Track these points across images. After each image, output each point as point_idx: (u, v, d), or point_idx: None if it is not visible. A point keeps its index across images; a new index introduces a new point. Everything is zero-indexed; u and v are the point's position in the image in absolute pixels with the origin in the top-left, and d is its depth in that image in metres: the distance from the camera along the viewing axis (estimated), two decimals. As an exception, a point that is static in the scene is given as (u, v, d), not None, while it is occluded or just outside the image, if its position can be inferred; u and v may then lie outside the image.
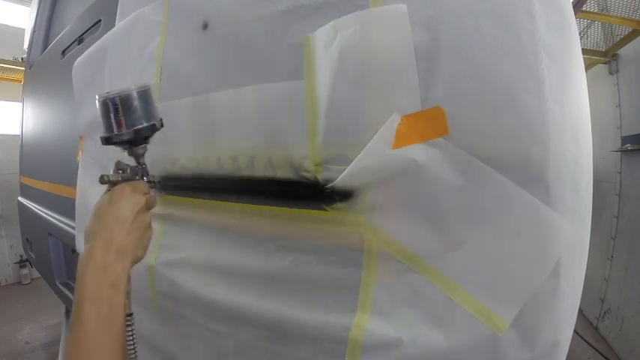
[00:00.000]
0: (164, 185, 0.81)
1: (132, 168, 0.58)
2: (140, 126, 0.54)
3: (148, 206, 0.56)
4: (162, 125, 0.59)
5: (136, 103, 0.54)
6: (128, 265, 0.50)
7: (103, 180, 0.54)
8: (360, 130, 0.51)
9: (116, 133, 0.54)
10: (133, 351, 0.52)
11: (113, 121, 0.54)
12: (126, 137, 0.54)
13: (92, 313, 0.44)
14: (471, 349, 0.48)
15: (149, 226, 0.56)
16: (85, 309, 0.44)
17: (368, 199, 0.51)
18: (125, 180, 0.56)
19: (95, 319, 0.44)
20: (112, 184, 0.55)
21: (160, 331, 0.83)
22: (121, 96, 0.53)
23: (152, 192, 0.60)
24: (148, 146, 0.58)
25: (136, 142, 0.56)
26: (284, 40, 0.59)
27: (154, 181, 0.61)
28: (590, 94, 0.57)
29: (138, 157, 0.59)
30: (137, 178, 0.58)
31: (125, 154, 0.58)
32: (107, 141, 0.55)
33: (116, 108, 0.53)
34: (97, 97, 0.54)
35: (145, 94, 0.55)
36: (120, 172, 0.57)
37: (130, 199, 0.52)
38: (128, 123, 0.54)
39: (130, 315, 0.52)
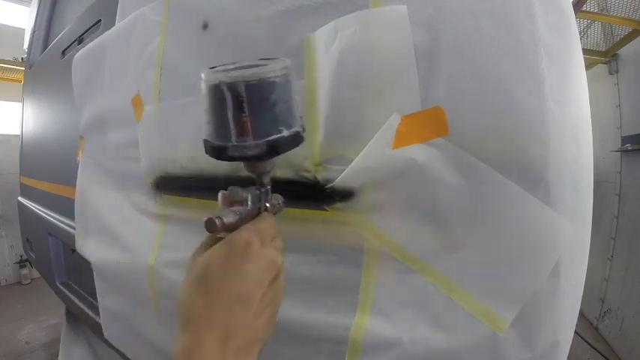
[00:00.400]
0: (164, 185, 0.81)
1: (254, 195, 0.38)
2: (276, 135, 0.33)
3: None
4: (304, 130, 0.37)
5: (274, 95, 0.33)
6: None
7: (213, 227, 0.34)
8: (360, 130, 0.51)
9: (235, 143, 0.33)
10: None
11: (231, 122, 0.32)
12: (251, 152, 0.33)
13: None
14: (471, 349, 0.48)
15: (282, 293, 0.38)
16: None
17: (368, 199, 0.51)
18: (244, 220, 0.36)
19: None
20: (227, 230, 0.35)
21: (160, 331, 0.83)
22: (248, 81, 0.31)
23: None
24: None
25: (265, 156, 0.35)
26: (284, 40, 0.59)
27: (279, 204, 0.41)
28: (590, 94, 0.57)
29: (261, 176, 0.39)
30: (259, 209, 0.38)
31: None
32: (218, 153, 0.35)
33: (239, 102, 0.32)
34: (202, 76, 0.34)
35: (285, 81, 0.34)
36: (236, 207, 0.37)
37: (261, 259, 0.33)
38: (257, 129, 0.33)
39: None
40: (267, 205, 0.39)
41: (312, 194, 0.55)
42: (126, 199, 0.94)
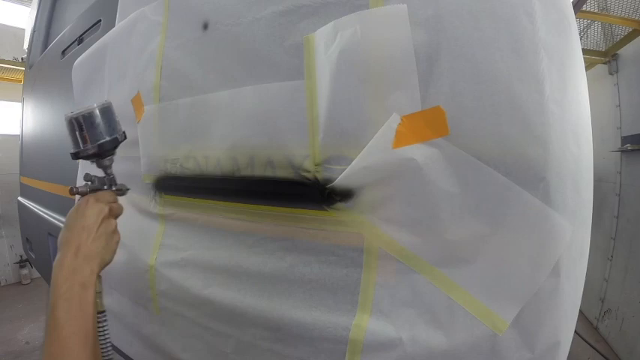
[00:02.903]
0: (164, 185, 0.81)
1: (100, 179, 0.63)
2: (103, 140, 0.60)
3: (113, 214, 0.62)
4: (124, 137, 0.64)
5: (98, 120, 0.59)
6: (96, 268, 0.55)
7: (71, 191, 0.60)
8: (360, 130, 0.51)
9: (82, 148, 0.59)
10: (105, 346, 0.57)
11: (78, 137, 0.59)
12: (91, 151, 0.60)
13: (64, 310, 0.49)
14: (471, 349, 0.48)
15: (114, 232, 0.61)
16: (58, 306, 0.49)
17: (368, 199, 0.51)
18: (93, 190, 0.62)
19: (66, 314, 0.49)
20: (81, 194, 0.61)
21: (161, 332, 0.83)
22: (83, 114, 0.59)
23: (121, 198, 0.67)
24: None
25: (102, 155, 0.62)
26: (284, 40, 0.59)
27: (123, 189, 0.66)
28: (590, 94, 0.57)
29: (105, 169, 0.64)
30: (105, 188, 0.63)
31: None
32: (75, 156, 0.61)
33: (80, 126, 0.59)
34: (64, 116, 0.60)
35: (106, 111, 0.61)
36: (88, 183, 0.62)
37: (94, 208, 0.58)
38: (92, 138, 0.59)
39: (102, 312, 0.58)
40: (113, 187, 0.65)
41: (312, 194, 0.55)
42: (126, 199, 0.94)
